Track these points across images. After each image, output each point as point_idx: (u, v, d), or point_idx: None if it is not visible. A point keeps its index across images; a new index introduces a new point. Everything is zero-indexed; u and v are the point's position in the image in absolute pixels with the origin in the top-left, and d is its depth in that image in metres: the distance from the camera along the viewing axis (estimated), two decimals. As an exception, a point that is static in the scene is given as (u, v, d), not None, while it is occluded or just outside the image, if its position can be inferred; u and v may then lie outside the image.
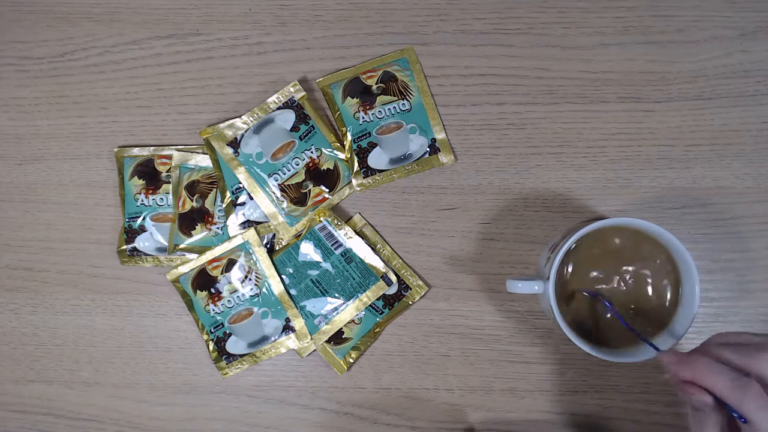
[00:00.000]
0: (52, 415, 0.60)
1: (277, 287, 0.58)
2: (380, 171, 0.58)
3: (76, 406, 0.60)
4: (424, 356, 0.59)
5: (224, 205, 0.59)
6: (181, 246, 0.59)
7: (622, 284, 0.51)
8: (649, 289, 0.51)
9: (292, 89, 0.59)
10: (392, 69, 0.59)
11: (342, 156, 0.59)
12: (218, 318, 0.58)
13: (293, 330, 0.58)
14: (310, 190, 0.58)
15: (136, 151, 0.60)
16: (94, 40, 0.61)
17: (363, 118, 0.58)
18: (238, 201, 0.59)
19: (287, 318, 0.58)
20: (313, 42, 0.60)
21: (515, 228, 0.58)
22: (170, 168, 0.60)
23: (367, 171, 0.58)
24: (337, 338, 0.58)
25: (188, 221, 0.59)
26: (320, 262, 0.58)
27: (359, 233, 0.59)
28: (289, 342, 0.58)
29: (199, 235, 0.59)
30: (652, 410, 0.57)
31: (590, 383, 0.58)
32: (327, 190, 0.59)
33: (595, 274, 0.51)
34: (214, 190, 0.59)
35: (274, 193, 0.58)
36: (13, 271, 0.61)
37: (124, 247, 0.59)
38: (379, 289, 0.58)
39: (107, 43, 0.61)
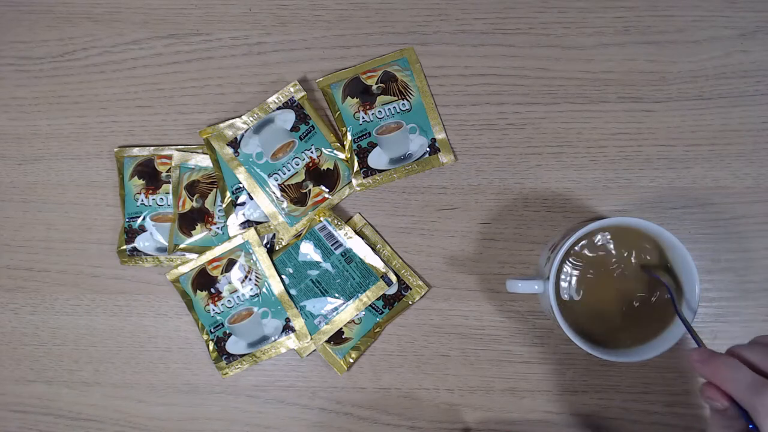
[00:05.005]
0: (52, 415, 0.60)
1: (277, 287, 0.58)
2: (380, 171, 0.58)
3: (76, 406, 0.60)
4: (424, 356, 0.59)
5: (224, 205, 0.59)
6: (181, 246, 0.59)
7: (622, 284, 0.51)
8: (649, 289, 0.51)
9: (292, 89, 0.59)
10: (392, 69, 0.59)
11: (342, 156, 0.59)
12: (218, 318, 0.58)
13: (293, 330, 0.58)
14: (310, 190, 0.58)
15: (136, 151, 0.60)
16: (94, 40, 0.61)
17: (363, 118, 0.58)
18: (238, 201, 0.59)
19: (287, 318, 0.58)
20: (313, 42, 0.60)
21: (515, 228, 0.58)
22: (170, 168, 0.60)
23: (367, 171, 0.58)
24: (337, 338, 0.58)
25: (188, 221, 0.59)
26: (320, 262, 0.58)
27: (359, 233, 0.59)
28: (289, 342, 0.58)
29: (199, 235, 0.59)
30: (652, 410, 0.57)
31: (590, 383, 0.58)
32: (327, 190, 0.59)
33: (595, 273, 0.51)
34: (214, 190, 0.59)
35: (274, 193, 0.58)
36: (13, 271, 0.61)
37: (124, 247, 0.59)
38: (379, 289, 0.58)
39: (107, 43, 0.61)
